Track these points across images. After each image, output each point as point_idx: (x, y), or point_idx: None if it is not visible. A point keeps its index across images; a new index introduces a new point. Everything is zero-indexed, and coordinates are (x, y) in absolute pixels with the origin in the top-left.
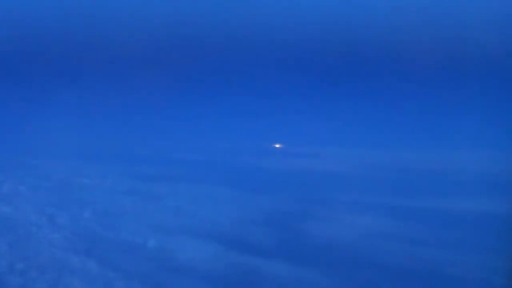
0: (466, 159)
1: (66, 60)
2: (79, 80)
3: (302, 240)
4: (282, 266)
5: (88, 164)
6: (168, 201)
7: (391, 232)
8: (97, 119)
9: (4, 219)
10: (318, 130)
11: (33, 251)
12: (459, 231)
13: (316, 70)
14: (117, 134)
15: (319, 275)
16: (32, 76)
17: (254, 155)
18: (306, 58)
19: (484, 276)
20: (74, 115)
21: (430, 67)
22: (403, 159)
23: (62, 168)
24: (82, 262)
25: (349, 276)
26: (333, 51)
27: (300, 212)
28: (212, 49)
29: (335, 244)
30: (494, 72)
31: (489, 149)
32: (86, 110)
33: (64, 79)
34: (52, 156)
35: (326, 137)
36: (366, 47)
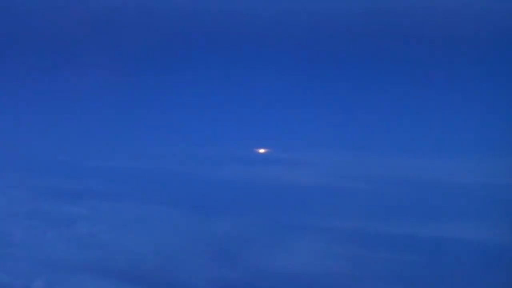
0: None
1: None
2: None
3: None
4: None
5: None
6: (78, 228)
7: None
8: (16, 120)
9: None
10: (292, 135)
11: None
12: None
13: (300, 68)
14: (37, 137)
15: None
16: None
17: (210, 163)
18: (292, 55)
19: None
20: None
21: (425, 68)
22: (394, 168)
23: None
24: None
25: None
26: (320, 50)
27: (238, 240)
28: (187, 46)
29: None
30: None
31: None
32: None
33: None
34: None
35: (295, 142)
36: (353, 47)
